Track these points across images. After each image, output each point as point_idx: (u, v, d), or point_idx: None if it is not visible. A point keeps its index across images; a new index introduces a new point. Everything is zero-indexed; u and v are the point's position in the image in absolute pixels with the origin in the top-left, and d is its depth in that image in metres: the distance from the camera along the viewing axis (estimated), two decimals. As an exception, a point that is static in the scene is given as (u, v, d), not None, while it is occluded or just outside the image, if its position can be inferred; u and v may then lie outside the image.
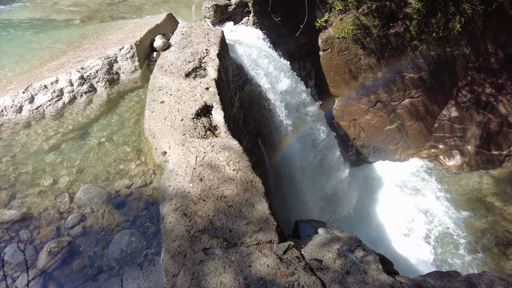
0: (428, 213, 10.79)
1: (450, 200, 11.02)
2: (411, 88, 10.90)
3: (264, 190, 2.85)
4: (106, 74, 4.45)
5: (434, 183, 11.61)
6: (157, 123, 3.58)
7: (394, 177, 12.04)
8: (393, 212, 10.83)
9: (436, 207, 10.89)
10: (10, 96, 4.10)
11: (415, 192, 11.45)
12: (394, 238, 10.17)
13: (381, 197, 11.43)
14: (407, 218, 10.68)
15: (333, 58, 9.86)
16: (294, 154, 7.28)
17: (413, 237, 10.21)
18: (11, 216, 3.03)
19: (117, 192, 3.20)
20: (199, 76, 4.35)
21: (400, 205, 11.07)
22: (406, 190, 11.57)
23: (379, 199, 11.36)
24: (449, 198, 11.07)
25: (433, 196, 11.25)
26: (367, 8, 9.38)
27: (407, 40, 10.02)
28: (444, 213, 10.67)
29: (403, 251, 9.81)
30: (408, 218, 10.69)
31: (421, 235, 10.25)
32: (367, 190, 11.58)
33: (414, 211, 10.89)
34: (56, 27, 6.47)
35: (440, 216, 10.61)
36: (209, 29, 5.33)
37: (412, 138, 11.99)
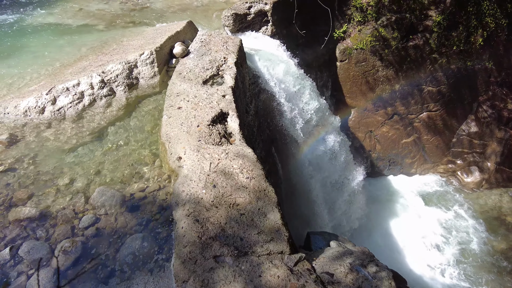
0: (444, 230, 10.48)
1: (467, 218, 10.68)
2: (429, 101, 10.71)
3: (276, 199, 2.83)
4: (125, 79, 4.55)
5: (451, 200, 11.29)
6: (174, 128, 3.62)
7: (409, 191, 11.78)
8: (407, 228, 10.57)
9: (452, 224, 10.58)
10: (34, 97, 4.24)
11: (431, 208, 11.16)
12: (408, 254, 9.91)
13: (395, 211, 11.18)
14: (422, 235, 10.40)
15: (350, 69, 9.81)
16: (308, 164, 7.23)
17: (427, 254, 9.93)
18: (29, 213, 3.10)
19: (131, 195, 3.24)
20: (216, 84, 4.40)
21: (415, 221, 10.81)
22: (422, 206, 11.29)
23: (393, 214, 11.12)
24: (466, 216, 10.73)
25: (449, 213, 10.94)
26: (386, 20, 9.33)
27: (426, 53, 9.88)
28: (460, 232, 10.34)
29: (417, 268, 9.54)
30: (423, 234, 10.41)
31: (435, 252, 9.95)
32: (381, 203, 11.37)
33: (429, 227, 10.60)
34: (80, 32, 6.69)
35: (456, 235, 10.29)
36: (227, 38, 5.40)
37: (429, 152, 11.74)
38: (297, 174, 7.12)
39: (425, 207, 11.23)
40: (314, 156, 7.49)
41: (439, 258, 9.79)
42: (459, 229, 10.39)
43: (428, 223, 10.72)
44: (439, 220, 10.76)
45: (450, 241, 10.15)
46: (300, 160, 7.10)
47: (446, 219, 10.74)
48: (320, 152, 7.80)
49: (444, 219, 10.75)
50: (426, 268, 9.55)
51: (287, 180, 7.01)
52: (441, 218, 10.80)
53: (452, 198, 11.35)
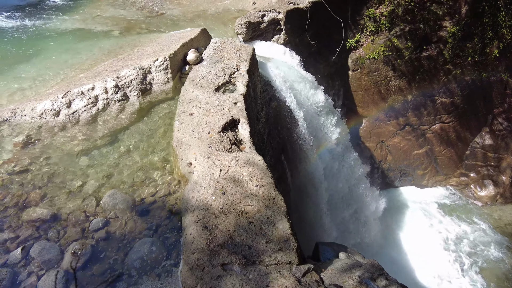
0: (456, 243, 10.24)
1: (481, 233, 10.42)
2: (443, 112, 10.57)
3: (286, 209, 2.82)
4: (139, 84, 4.62)
5: (463, 214, 11.05)
6: (185, 134, 3.65)
7: (420, 203, 11.59)
8: (418, 241, 10.37)
9: (464, 239, 10.33)
10: (50, 100, 4.33)
11: (442, 221, 10.93)
12: (418, 268, 9.70)
13: (405, 223, 11.00)
14: (433, 248, 10.18)
15: (362, 78, 9.78)
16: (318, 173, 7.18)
17: (438, 268, 9.70)
18: (41, 214, 3.16)
19: (141, 200, 3.27)
20: (228, 91, 4.43)
21: (425, 234, 10.60)
22: (433, 218, 11.07)
23: (404, 226, 10.93)
24: (479, 231, 10.47)
25: (461, 227, 10.70)
26: (399, 30, 9.29)
27: (440, 63, 9.79)
28: (473, 248, 10.08)
29: (428, 282, 9.32)
30: (434, 247, 10.19)
31: (447, 265, 9.72)
32: (391, 215, 11.19)
33: (440, 241, 10.38)
34: (97, 37, 6.84)
35: (468, 250, 10.03)
36: (240, 46, 5.45)
37: (441, 164, 11.55)
38: (306, 182, 7.08)
39: (436, 219, 11.01)
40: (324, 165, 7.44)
41: (451, 271, 9.55)
42: (471, 244, 10.14)
43: (440, 236, 10.50)
44: (451, 233, 10.54)
45: (463, 255, 9.91)
46: (310, 168, 7.06)
47: (459, 232, 10.51)
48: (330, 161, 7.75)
49: (456, 232, 10.52)
50: (438, 282, 9.33)
51: (296, 188, 6.97)
52: (453, 231, 10.57)
53: (465, 211, 11.11)
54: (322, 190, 7.22)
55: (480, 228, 10.52)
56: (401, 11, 9.07)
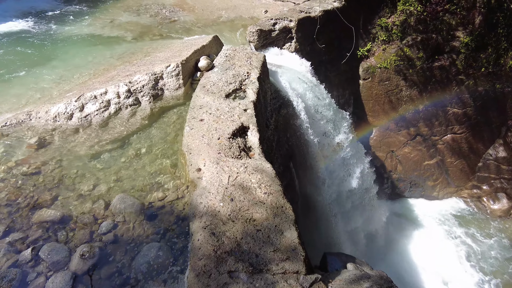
0: (466, 259, 9.99)
1: (494, 248, 10.15)
2: (454, 123, 10.42)
3: (294, 217, 2.80)
4: (151, 89, 4.68)
5: (475, 227, 10.80)
6: (195, 140, 3.67)
7: (430, 215, 11.36)
8: (428, 253, 10.15)
9: (476, 254, 10.07)
10: (64, 104, 4.42)
11: (453, 234, 10.70)
12: (428, 281, 9.48)
13: (415, 235, 10.79)
14: (444, 261, 9.94)
15: (373, 87, 9.73)
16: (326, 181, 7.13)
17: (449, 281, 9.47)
18: (52, 216, 3.20)
19: (150, 204, 3.29)
20: (238, 98, 4.45)
21: (436, 247, 10.37)
22: (443, 231, 10.84)
23: (413, 238, 10.72)
24: (492, 246, 10.20)
25: (473, 240, 10.44)
26: (411, 40, 9.24)
27: (452, 74, 9.68)
28: (485, 263, 9.81)
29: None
30: (446, 260, 9.95)
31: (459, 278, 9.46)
32: (400, 226, 11.00)
33: (451, 255, 10.14)
34: (110, 42, 6.98)
35: (481, 266, 9.76)
36: (251, 53, 5.48)
37: (453, 175, 11.34)
38: (315, 190, 7.03)
39: (447, 232, 10.78)
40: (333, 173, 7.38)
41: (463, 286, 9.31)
42: (483, 260, 9.88)
43: (451, 248, 10.26)
44: (460, 247, 10.29)
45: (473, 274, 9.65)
46: (319, 176, 7.01)
47: (468, 247, 10.25)
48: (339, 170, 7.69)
49: (466, 247, 10.27)
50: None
51: (304, 196, 6.92)
52: (463, 245, 10.32)
53: (478, 224, 10.85)
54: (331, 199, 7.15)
55: (493, 241, 10.25)
56: (413, 20, 9.03)
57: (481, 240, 10.42)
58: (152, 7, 9.15)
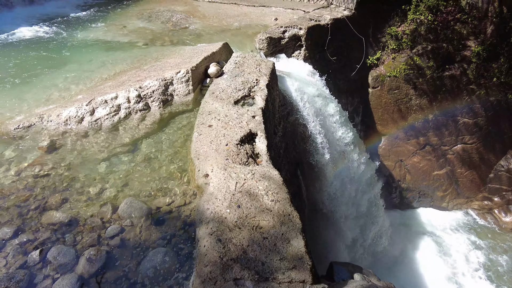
0: (476, 272, 9.76)
1: (505, 262, 9.90)
2: (465, 133, 10.29)
3: (301, 226, 2.78)
4: (161, 95, 4.73)
5: (485, 239, 10.57)
6: (203, 145, 3.69)
7: (440, 226, 11.17)
8: (436, 265, 9.96)
9: (487, 267, 9.84)
10: (75, 108, 4.49)
11: (463, 246, 10.48)
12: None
13: (424, 247, 10.60)
14: (452, 274, 9.74)
15: (382, 96, 9.68)
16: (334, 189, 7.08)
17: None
18: (60, 218, 3.23)
19: (157, 209, 3.30)
20: (247, 104, 4.47)
21: (445, 258, 10.17)
22: (453, 242, 10.63)
23: (422, 249, 10.54)
24: (504, 261, 9.95)
25: (484, 254, 10.21)
26: (422, 49, 9.20)
27: (463, 83, 9.59)
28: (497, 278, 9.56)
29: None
30: (454, 274, 9.75)
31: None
32: (409, 237, 10.84)
33: (461, 267, 9.93)
34: (122, 48, 7.08)
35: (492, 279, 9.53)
36: (261, 60, 5.51)
37: (463, 186, 11.16)
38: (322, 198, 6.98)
39: (457, 243, 10.57)
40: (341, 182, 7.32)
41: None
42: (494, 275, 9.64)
43: (461, 261, 10.05)
44: (470, 260, 10.07)
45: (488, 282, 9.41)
46: (326, 184, 6.97)
47: (478, 260, 10.03)
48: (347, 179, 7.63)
49: (475, 260, 10.04)
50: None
51: (311, 204, 6.88)
52: (473, 259, 10.09)
53: (488, 236, 10.63)
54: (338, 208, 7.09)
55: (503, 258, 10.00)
56: (424, 29, 8.99)
57: (492, 253, 10.18)
58: (163, 13, 9.29)
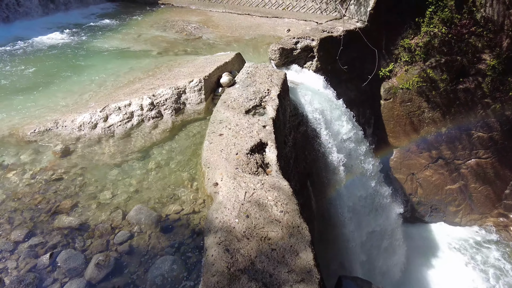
0: None
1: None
2: (479, 148, 10.08)
3: (310, 238, 2.75)
4: (173, 103, 4.79)
5: (500, 258, 10.24)
6: (213, 154, 3.70)
7: (452, 242, 10.90)
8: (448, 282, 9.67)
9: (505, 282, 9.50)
10: (89, 114, 4.57)
11: (476, 263, 10.18)
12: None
13: (434, 263, 10.34)
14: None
15: (394, 108, 9.60)
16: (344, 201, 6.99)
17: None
18: (70, 223, 3.26)
19: (166, 216, 3.31)
20: (258, 114, 4.49)
21: (457, 276, 9.88)
22: (465, 260, 10.34)
23: (432, 265, 10.28)
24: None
25: (499, 272, 9.88)
26: (435, 62, 9.13)
27: (478, 97, 9.44)
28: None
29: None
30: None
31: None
32: (419, 252, 10.59)
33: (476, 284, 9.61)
34: (137, 56, 7.23)
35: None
36: (272, 71, 5.55)
37: (477, 202, 10.89)
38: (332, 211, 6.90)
39: (470, 260, 10.27)
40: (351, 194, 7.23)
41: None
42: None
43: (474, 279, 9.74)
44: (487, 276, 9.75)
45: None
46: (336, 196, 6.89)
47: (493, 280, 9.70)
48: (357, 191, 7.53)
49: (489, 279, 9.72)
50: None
51: (320, 216, 6.80)
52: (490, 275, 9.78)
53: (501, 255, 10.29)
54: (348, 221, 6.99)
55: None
56: (437, 42, 8.93)
57: (508, 271, 9.85)
58: (178, 23, 9.47)
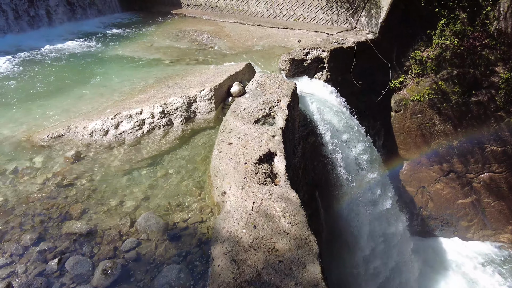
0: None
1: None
2: (492, 161, 9.88)
3: (318, 251, 2.71)
4: (184, 112, 4.84)
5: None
6: (222, 163, 3.71)
7: (463, 258, 10.62)
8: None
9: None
10: (100, 120, 4.65)
11: (490, 282, 9.87)
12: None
13: (445, 279, 10.07)
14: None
15: (405, 120, 9.52)
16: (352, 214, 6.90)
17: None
18: (79, 228, 3.29)
19: (174, 224, 3.31)
20: (267, 124, 4.50)
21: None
22: (477, 277, 10.04)
23: (443, 281, 10.00)
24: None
25: None
26: (447, 74, 9.05)
27: (491, 110, 9.30)
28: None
29: None
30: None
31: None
32: (429, 267, 10.34)
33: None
34: (149, 65, 7.35)
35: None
36: (283, 81, 5.57)
37: (490, 217, 10.63)
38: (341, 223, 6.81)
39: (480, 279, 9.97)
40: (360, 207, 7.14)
41: None
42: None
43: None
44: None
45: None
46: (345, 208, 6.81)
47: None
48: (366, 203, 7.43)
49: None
50: None
51: (329, 228, 6.72)
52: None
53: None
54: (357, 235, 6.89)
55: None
56: (449, 54, 8.87)
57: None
58: (190, 33, 9.62)
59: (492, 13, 8.31)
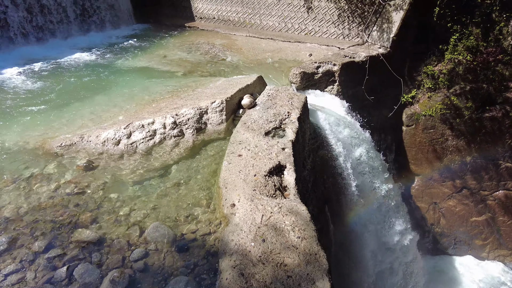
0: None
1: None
2: (508, 179, 9.64)
3: (328, 267, 2.66)
4: (195, 123, 4.89)
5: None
6: (232, 175, 3.71)
7: (477, 278, 10.26)
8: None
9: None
10: (113, 130, 4.72)
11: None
12: None
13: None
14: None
15: (417, 134, 9.41)
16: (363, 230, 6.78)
17: None
18: (89, 237, 3.31)
19: (182, 235, 3.30)
20: (277, 136, 4.50)
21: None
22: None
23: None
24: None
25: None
26: (459, 89, 8.95)
27: (505, 126, 9.13)
28: None
29: None
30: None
31: None
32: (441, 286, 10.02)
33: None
34: (162, 76, 7.48)
35: None
36: (293, 94, 5.60)
37: (506, 236, 10.31)
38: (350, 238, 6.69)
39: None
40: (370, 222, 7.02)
41: None
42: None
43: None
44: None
45: None
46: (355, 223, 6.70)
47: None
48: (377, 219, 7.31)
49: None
50: None
51: (338, 243, 6.60)
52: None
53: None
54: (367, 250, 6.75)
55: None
56: (462, 70, 8.80)
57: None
58: (203, 46, 9.79)
59: (506, 28, 8.25)
